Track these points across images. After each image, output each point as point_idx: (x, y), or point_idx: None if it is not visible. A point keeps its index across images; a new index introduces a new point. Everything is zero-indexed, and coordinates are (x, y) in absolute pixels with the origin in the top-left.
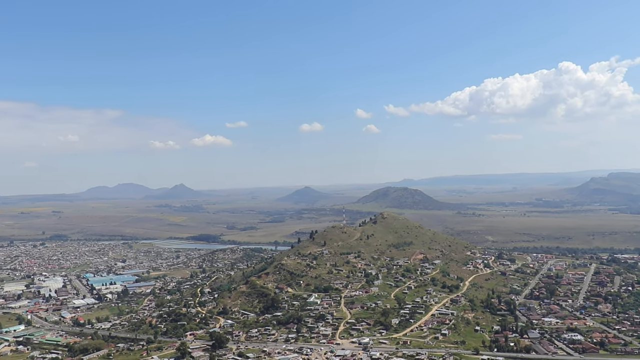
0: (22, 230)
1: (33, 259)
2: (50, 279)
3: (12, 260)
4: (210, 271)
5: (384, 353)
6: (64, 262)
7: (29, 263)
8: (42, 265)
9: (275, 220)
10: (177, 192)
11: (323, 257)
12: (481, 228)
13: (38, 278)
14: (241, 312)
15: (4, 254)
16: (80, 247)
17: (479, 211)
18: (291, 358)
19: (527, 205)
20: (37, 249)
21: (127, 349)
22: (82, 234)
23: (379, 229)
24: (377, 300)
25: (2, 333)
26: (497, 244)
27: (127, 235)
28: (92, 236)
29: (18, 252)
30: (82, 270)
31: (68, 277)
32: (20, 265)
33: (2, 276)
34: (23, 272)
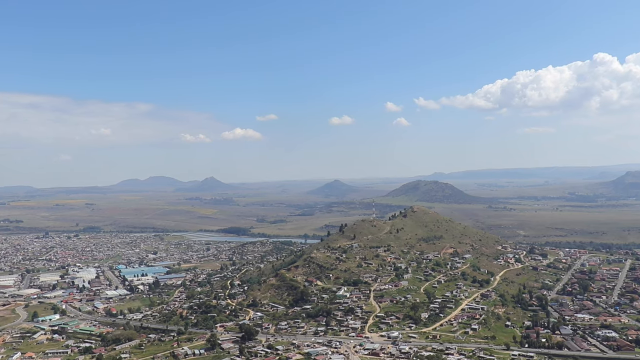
0: (57, 222)
1: (67, 250)
2: (84, 270)
3: (47, 251)
4: (240, 264)
5: (413, 347)
6: (97, 254)
7: (64, 254)
8: (76, 256)
9: (304, 213)
10: (208, 185)
11: (352, 250)
12: (512, 222)
13: (72, 269)
14: (271, 305)
15: (40, 245)
16: (112, 238)
17: (510, 205)
18: (320, 351)
19: (559, 199)
20: (71, 241)
21: (158, 339)
22: (114, 226)
23: (409, 222)
24: (407, 294)
25: (39, 322)
26: (528, 238)
27: (159, 227)
28: (124, 228)
29: (53, 243)
30: (114, 262)
31: (101, 268)
32: (55, 256)
33: (38, 266)
34: (58, 263)
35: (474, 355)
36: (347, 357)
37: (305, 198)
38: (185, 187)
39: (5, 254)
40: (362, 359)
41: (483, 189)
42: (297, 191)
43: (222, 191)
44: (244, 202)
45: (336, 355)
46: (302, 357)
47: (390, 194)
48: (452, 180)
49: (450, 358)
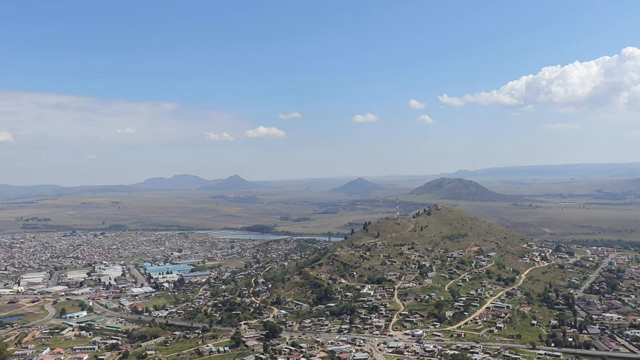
0: (84, 220)
1: (94, 248)
2: (110, 268)
3: (74, 249)
4: (264, 261)
5: (437, 345)
6: (122, 252)
7: (90, 252)
8: (102, 254)
9: (328, 211)
10: (232, 183)
11: (376, 248)
12: (538, 220)
13: (98, 266)
14: (294, 303)
15: (67, 242)
16: (138, 236)
17: (535, 203)
18: (344, 349)
19: (586, 196)
20: (98, 238)
21: (183, 336)
22: (139, 224)
23: (433, 220)
24: (431, 292)
25: (67, 318)
26: (554, 236)
27: (183, 225)
28: (150, 226)
29: (80, 241)
30: (140, 260)
31: (127, 266)
32: (82, 253)
33: (65, 264)
34: (84, 261)
35: (499, 354)
36: (371, 355)
37: (329, 196)
38: (210, 185)
39: (34, 252)
40: (386, 357)
41: (508, 187)
42: (320, 189)
43: (246, 189)
44: (268, 200)
45: (360, 353)
46: (326, 355)
47: (414, 191)
48: (476, 177)
49: (475, 357)
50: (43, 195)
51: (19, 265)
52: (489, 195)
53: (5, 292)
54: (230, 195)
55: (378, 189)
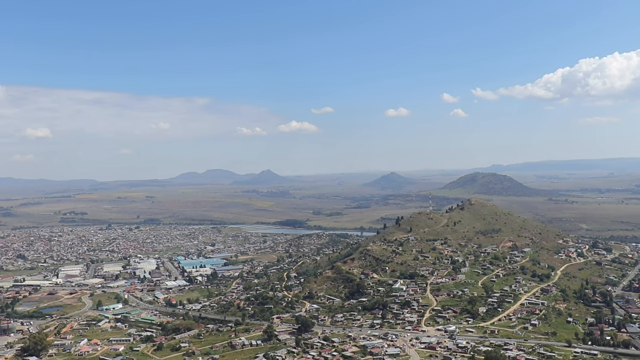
0: (119, 214)
1: (129, 241)
2: (145, 261)
3: (110, 242)
4: (296, 256)
5: (470, 342)
6: (157, 245)
7: (125, 245)
8: (137, 247)
9: (360, 206)
10: (264, 178)
11: (409, 243)
12: (574, 215)
13: (133, 260)
14: (327, 297)
15: (103, 236)
16: (171, 230)
17: (572, 198)
18: (376, 344)
19: (625, 191)
20: (133, 232)
21: (216, 329)
22: (173, 218)
23: (466, 215)
24: (464, 287)
25: (103, 310)
26: (591, 232)
27: (216, 219)
28: (183, 220)
29: (115, 234)
30: (173, 253)
31: (161, 259)
32: (117, 247)
33: (101, 257)
34: (120, 254)
35: (534, 351)
36: (403, 350)
37: (361, 190)
38: (242, 179)
39: (71, 245)
40: (418, 352)
41: (543, 181)
42: (353, 184)
43: (279, 184)
44: (300, 194)
45: (392, 349)
46: (358, 350)
47: (447, 186)
48: (510, 172)
49: (509, 354)
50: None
51: (57, 258)
52: (523, 190)
53: (44, 283)
54: (263, 189)
55: (411, 184)
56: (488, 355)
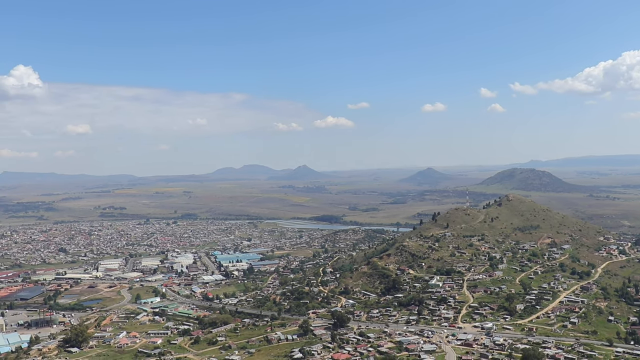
0: (157, 209)
1: (166, 236)
2: (182, 256)
3: (148, 237)
4: (332, 251)
5: (508, 339)
6: (194, 240)
7: (163, 240)
8: (175, 242)
9: (397, 201)
10: (300, 173)
11: (445, 239)
12: (616, 212)
13: (171, 254)
14: (362, 293)
15: (141, 231)
16: (208, 225)
17: (613, 194)
18: (412, 340)
19: None
20: (170, 227)
21: (252, 324)
22: (210, 213)
23: (504, 211)
24: (501, 284)
25: (141, 304)
26: (634, 229)
27: (253, 214)
28: (220, 215)
29: (153, 229)
30: (210, 248)
31: (198, 254)
32: (155, 241)
33: (140, 251)
34: (158, 249)
35: (573, 350)
36: (439, 346)
37: (397, 186)
38: (279, 175)
39: (110, 239)
40: (455, 349)
41: (583, 177)
42: (389, 179)
43: (315, 179)
44: (336, 190)
45: (428, 345)
46: (394, 346)
47: (484, 182)
48: (549, 167)
49: (547, 352)
50: (119, 185)
51: (97, 252)
52: (563, 186)
53: (85, 277)
54: (299, 185)
55: (447, 179)
56: (526, 353)
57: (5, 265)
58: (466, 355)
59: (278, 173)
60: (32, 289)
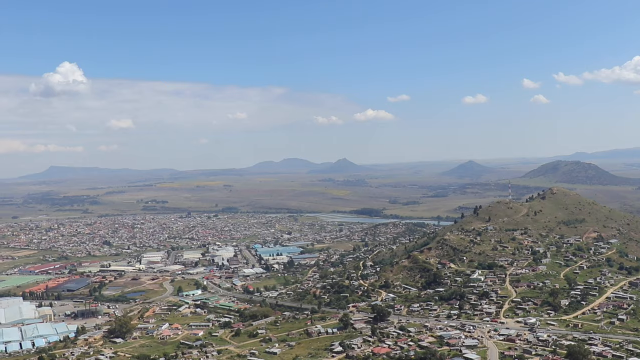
0: (198, 203)
1: (207, 229)
2: (223, 249)
3: (189, 230)
4: (372, 245)
5: (552, 335)
6: (234, 233)
7: (204, 233)
8: (216, 235)
9: (437, 195)
10: (340, 167)
11: (487, 233)
12: None
13: (212, 247)
14: (403, 286)
15: (183, 224)
16: (249, 219)
17: None
18: (453, 334)
19: None
20: (211, 220)
21: (292, 317)
22: (250, 207)
23: (548, 204)
24: (545, 279)
25: (183, 296)
26: None
27: (293, 208)
28: (260, 209)
29: (194, 222)
30: (251, 241)
31: (238, 247)
32: (196, 235)
33: (181, 244)
34: (199, 242)
35: (621, 347)
36: (480, 342)
37: (438, 179)
38: (318, 168)
39: (153, 232)
40: (497, 344)
41: (632, 169)
42: (429, 172)
43: (355, 172)
44: (376, 183)
45: (469, 340)
46: (435, 340)
47: (527, 174)
48: (595, 160)
49: (593, 349)
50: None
51: (140, 245)
52: (609, 179)
53: (128, 269)
54: (339, 178)
55: (489, 172)
56: (571, 349)
57: (53, 257)
58: (509, 350)
59: (318, 166)
60: (78, 281)
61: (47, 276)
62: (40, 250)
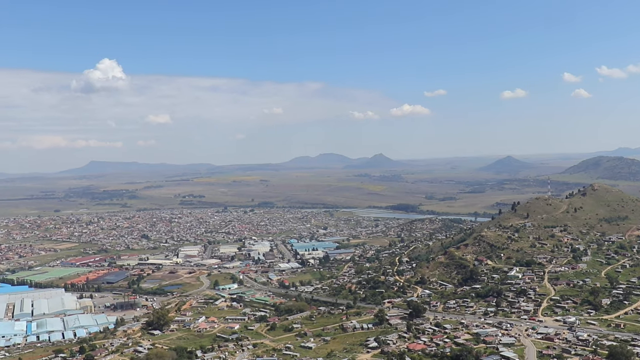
0: (234, 197)
1: (244, 224)
2: (259, 243)
3: (226, 224)
4: (408, 240)
5: (592, 335)
6: (270, 228)
7: (240, 227)
8: (252, 230)
9: (474, 190)
10: (376, 162)
11: (525, 229)
12: None
13: (248, 242)
14: (439, 283)
15: (219, 218)
16: (285, 214)
17: None
18: (490, 332)
19: None
20: (247, 215)
21: (327, 312)
22: (286, 202)
23: (589, 201)
24: (585, 277)
25: (219, 290)
26: None
27: (329, 203)
28: (296, 204)
29: (231, 217)
30: (286, 236)
31: (274, 242)
32: (233, 229)
33: (218, 239)
34: (235, 236)
35: None
36: (518, 340)
37: (475, 175)
38: (354, 163)
39: (190, 226)
40: (535, 343)
41: None
42: (466, 168)
43: (391, 168)
44: (412, 178)
45: (506, 338)
46: (471, 337)
47: (567, 170)
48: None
49: (636, 350)
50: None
51: (177, 239)
52: None
53: (166, 262)
54: (375, 173)
55: (527, 168)
56: (613, 350)
57: (93, 250)
58: (547, 349)
59: (354, 162)
60: (118, 274)
61: (87, 268)
62: (81, 243)
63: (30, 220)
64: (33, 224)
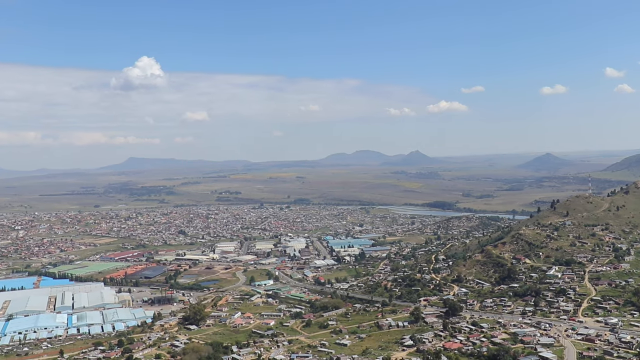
0: (270, 194)
1: (279, 220)
2: (295, 240)
3: (262, 221)
4: (444, 238)
5: (635, 337)
6: (306, 225)
7: (276, 224)
8: (287, 226)
9: (512, 188)
10: (413, 159)
11: (565, 228)
12: None
13: (284, 238)
14: (475, 281)
15: (256, 215)
16: (320, 211)
17: None
18: (527, 332)
19: None
20: (283, 212)
21: (363, 309)
22: (322, 199)
23: (632, 199)
24: (628, 277)
25: (255, 286)
26: None
27: (365, 200)
28: (332, 201)
29: (267, 213)
30: (322, 233)
31: (310, 238)
32: (269, 225)
33: (254, 235)
34: (271, 232)
35: None
36: (557, 340)
37: (513, 172)
38: (391, 160)
39: (226, 222)
40: (575, 344)
41: None
42: (504, 165)
43: (427, 165)
44: (449, 176)
45: (545, 338)
46: (508, 337)
47: (609, 168)
48: None
49: None
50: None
51: (214, 235)
52: None
53: (202, 258)
54: (411, 170)
55: (567, 165)
56: None
57: (131, 245)
58: (588, 351)
59: (390, 159)
60: (155, 269)
61: (125, 263)
62: (119, 238)
63: (71, 215)
64: (74, 219)
